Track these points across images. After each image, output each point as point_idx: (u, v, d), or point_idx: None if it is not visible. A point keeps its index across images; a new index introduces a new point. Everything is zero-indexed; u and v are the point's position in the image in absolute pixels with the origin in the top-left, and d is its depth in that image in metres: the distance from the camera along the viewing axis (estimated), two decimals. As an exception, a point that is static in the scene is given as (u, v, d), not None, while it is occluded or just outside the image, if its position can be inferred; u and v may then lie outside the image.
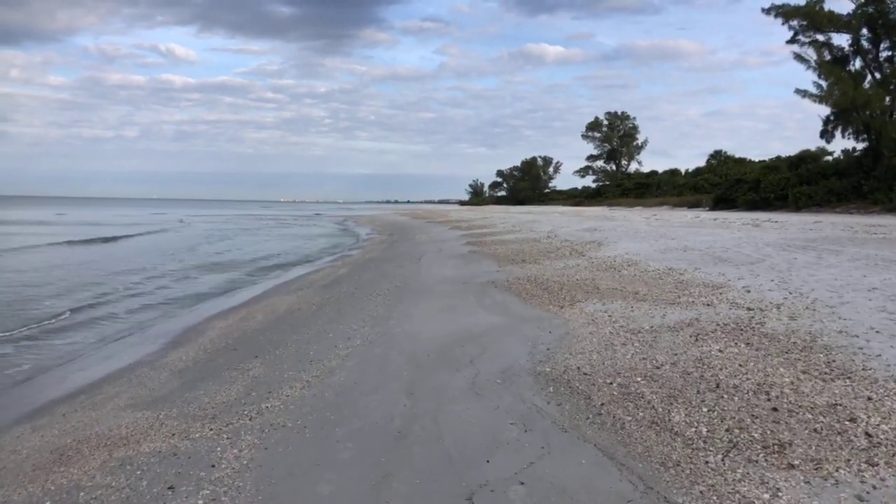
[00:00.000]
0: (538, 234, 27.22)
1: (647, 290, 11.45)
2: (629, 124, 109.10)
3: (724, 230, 24.44)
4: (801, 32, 46.53)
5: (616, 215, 44.94)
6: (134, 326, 13.12)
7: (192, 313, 14.38)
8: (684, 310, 9.57)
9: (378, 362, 7.87)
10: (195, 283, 19.92)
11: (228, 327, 11.99)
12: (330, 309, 12.69)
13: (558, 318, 9.60)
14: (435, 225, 47.05)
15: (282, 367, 8.21)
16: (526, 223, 37.38)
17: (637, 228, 27.03)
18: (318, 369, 7.86)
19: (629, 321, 8.95)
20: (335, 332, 10.18)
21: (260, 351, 9.50)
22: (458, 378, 6.68)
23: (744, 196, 48.32)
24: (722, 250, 16.58)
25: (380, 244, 33.22)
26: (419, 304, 11.91)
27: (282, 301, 14.73)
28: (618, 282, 12.69)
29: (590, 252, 18.51)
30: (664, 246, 18.65)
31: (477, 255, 20.26)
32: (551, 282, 13.00)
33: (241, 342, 10.43)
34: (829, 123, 48.32)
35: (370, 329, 10.05)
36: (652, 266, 14.58)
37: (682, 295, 10.84)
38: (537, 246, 21.83)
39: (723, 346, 7.11)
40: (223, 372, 8.38)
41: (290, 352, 9.18)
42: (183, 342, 11.08)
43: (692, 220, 34.70)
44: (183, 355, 9.83)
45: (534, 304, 10.90)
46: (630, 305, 10.22)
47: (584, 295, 11.36)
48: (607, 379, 5.98)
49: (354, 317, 11.38)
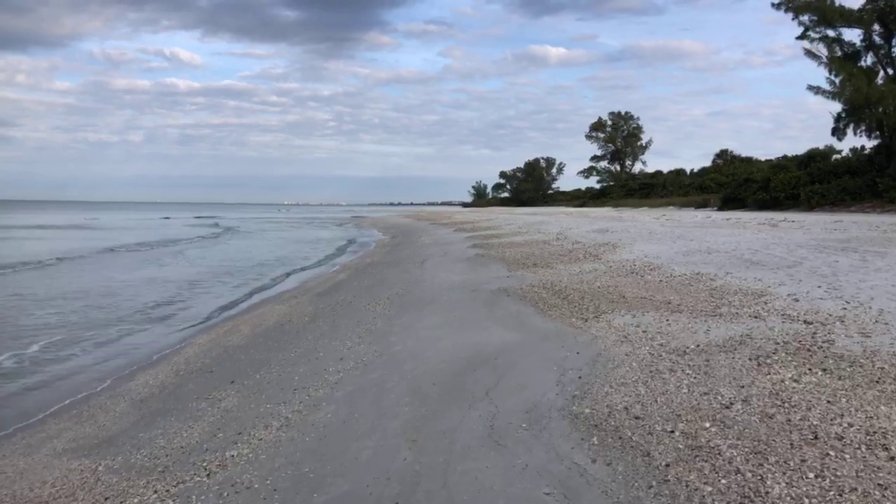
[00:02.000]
0: (547, 236, 25.87)
1: (679, 300, 10.11)
2: (633, 124, 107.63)
3: (742, 230, 23.09)
4: (812, 28, 45.28)
5: (624, 216, 43.58)
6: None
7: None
8: (730, 323, 8.24)
9: (373, 392, 6.54)
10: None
11: (210, 343, 10.68)
12: (323, 321, 11.37)
13: (584, 333, 8.27)
14: (439, 227, 45.69)
15: (259, 398, 6.90)
16: (533, 224, 36.03)
17: (650, 229, 25.67)
18: (302, 401, 6.54)
19: (669, 338, 7.62)
20: (326, 351, 8.86)
21: (238, 374, 8.20)
22: (471, 418, 5.34)
23: (753, 195, 47.04)
24: (750, 252, 15.24)
25: (382, 247, 31.89)
26: (423, 317, 10.58)
27: (272, 311, 13.43)
28: (644, 289, 11.36)
29: (605, 255, 17.17)
30: (684, 248, 17.30)
31: (484, 258, 18.92)
32: (570, 289, 11.66)
33: (220, 362, 9.13)
34: (840, 120, 47.01)
35: (366, 347, 8.73)
36: (677, 270, 13.25)
37: (720, 304, 9.51)
38: (548, 248, 20.49)
39: (796, 374, 5.78)
40: (191, 402, 7.08)
41: (273, 376, 7.87)
42: (158, 361, 9.78)
43: (704, 220, 33.36)
44: (151, 379, 8.53)
45: (553, 315, 9.57)
46: (664, 318, 8.89)
47: (610, 305, 10.02)
48: (666, 425, 4.63)
49: (350, 331, 10.07)
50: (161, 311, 14.62)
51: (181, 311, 14.78)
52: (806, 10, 44.54)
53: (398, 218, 79.25)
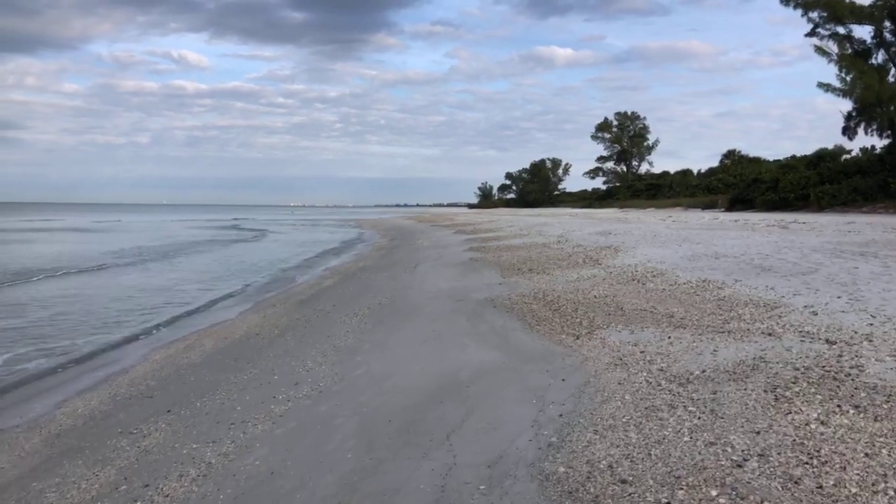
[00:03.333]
0: (548, 239, 24.82)
1: (683, 312, 9.07)
2: (639, 124, 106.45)
3: (751, 232, 22.00)
4: (822, 24, 44.23)
5: (630, 217, 42.48)
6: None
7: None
8: (739, 342, 7.19)
9: (318, 431, 5.52)
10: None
11: (165, 360, 9.69)
12: (292, 336, 10.37)
13: (574, 354, 7.24)
14: (439, 229, 44.66)
15: (189, 433, 5.90)
16: (534, 226, 34.96)
17: (655, 231, 24.59)
18: (234, 440, 5.53)
19: (670, 361, 6.58)
20: (283, 373, 7.85)
21: (179, 400, 7.20)
22: (422, 473, 4.32)
23: (762, 196, 45.96)
24: (761, 257, 14.16)
25: (378, 250, 30.90)
26: (399, 331, 9.57)
27: (242, 323, 12.43)
28: (645, 299, 10.31)
29: (606, 259, 16.12)
30: (690, 251, 16.23)
31: (478, 263, 17.90)
32: (563, 299, 10.62)
33: (166, 385, 8.13)
34: (851, 119, 45.98)
35: (328, 369, 7.71)
36: (682, 277, 12.19)
37: (729, 318, 8.46)
38: (546, 252, 19.44)
39: (823, 414, 4.74)
40: (110, 438, 6.08)
41: (215, 404, 6.86)
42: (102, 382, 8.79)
43: (711, 221, 32.27)
44: (82, 405, 7.54)
45: (541, 331, 8.53)
46: (666, 334, 7.85)
47: (606, 318, 8.99)
48: (661, 493, 3.58)
49: (316, 348, 9.06)
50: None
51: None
52: (815, 7, 43.47)
53: (401, 220, 78.26)
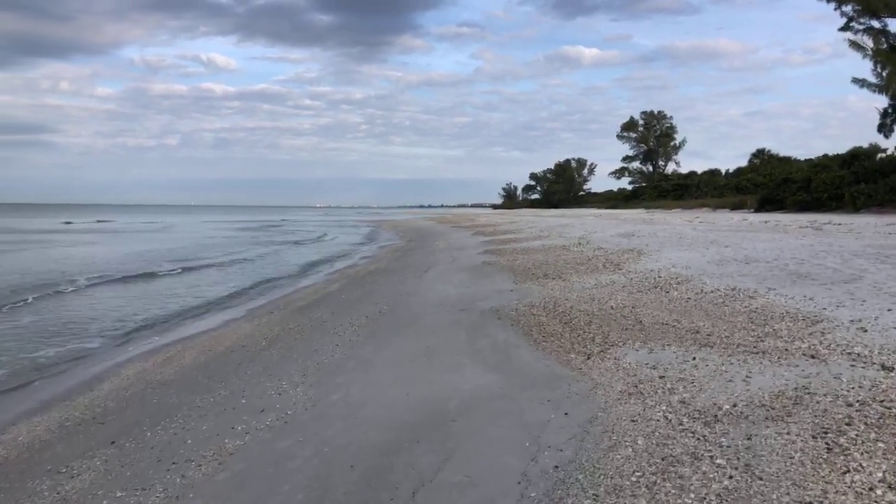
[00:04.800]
0: (568, 241, 23.74)
1: (710, 327, 8.01)
2: (666, 124, 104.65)
3: (783, 234, 20.72)
4: (855, 18, 42.67)
5: (655, 218, 41.15)
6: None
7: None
8: (777, 366, 6.14)
9: (265, 478, 4.59)
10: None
11: (135, 376, 8.83)
12: (277, 349, 9.46)
13: (582, 378, 6.24)
14: (458, 230, 43.68)
15: (122, 476, 5.01)
16: (556, 227, 33.85)
17: (681, 233, 23.38)
18: (168, 487, 4.62)
19: (695, 390, 5.55)
20: (253, 395, 6.93)
21: (129, 429, 6.31)
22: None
23: (793, 196, 44.33)
24: (796, 262, 13.00)
25: (392, 252, 30.00)
26: (391, 345, 8.62)
27: (233, 332, 11.56)
28: (667, 310, 9.27)
29: (628, 264, 15.05)
30: (718, 255, 15.09)
31: (491, 267, 16.89)
32: (576, 310, 9.60)
33: (125, 407, 7.25)
34: (887, 116, 44.28)
35: (302, 392, 6.78)
36: (709, 284, 11.11)
37: (763, 335, 7.40)
38: (565, 255, 18.39)
39: (891, 473, 3.70)
40: (33, 480, 5.20)
41: (166, 435, 5.96)
42: (59, 401, 7.94)
43: (740, 222, 30.92)
44: (25, 431, 6.68)
45: (548, 348, 7.53)
46: (690, 354, 6.81)
47: (622, 333, 7.96)
48: None
49: (298, 364, 8.14)
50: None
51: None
52: (849, 0, 41.88)
53: (421, 220, 77.35)
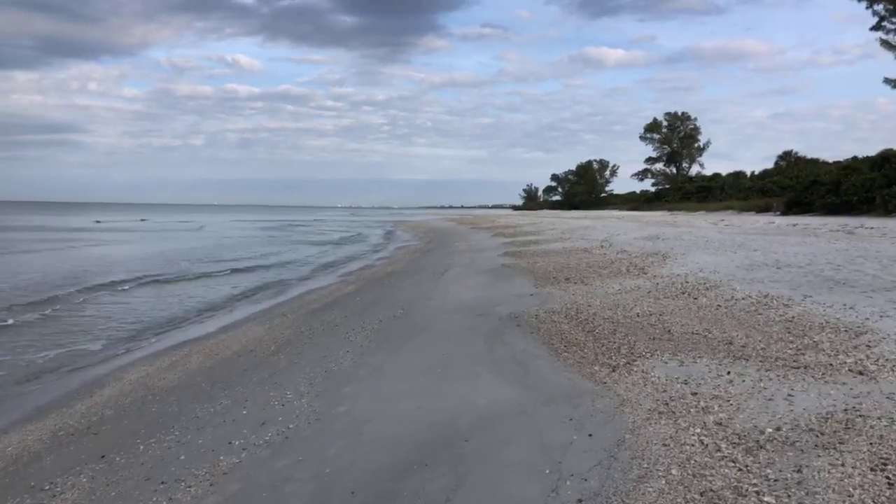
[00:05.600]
0: (590, 243, 23.19)
1: (744, 337, 7.49)
2: (690, 125, 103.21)
3: (814, 238, 20.02)
4: (888, 18, 41.67)
5: (679, 221, 40.38)
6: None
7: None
8: (821, 383, 5.62)
9: (260, 503, 4.16)
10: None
11: (137, 381, 8.48)
12: (286, 354, 9.07)
13: (607, 393, 5.76)
14: (478, 231, 43.17)
15: (105, 496, 4.66)
16: (577, 229, 33.26)
17: (707, 236, 22.73)
18: (151, 513, 4.21)
19: (732, 410, 5.06)
20: (255, 405, 6.53)
21: (122, 441, 5.93)
22: None
23: (822, 199, 43.29)
24: (831, 268, 12.41)
25: (411, 253, 29.59)
26: (403, 353, 8.18)
27: (242, 335, 11.19)
28: (697, 318, 8.75)
29: (653, 268, 14.50)
30: (747, 260, 14.50)
31: (511, 270, 16.41)
32: (600, 317, 9.11)
33: (121, 417, 6.89)
34: (920, 117, 43.23)
35: (307, 403, 6.36)
36: (739, 291, 10.57)
37: (803, 347, 6.87)
38: (587, 258, 17.86)
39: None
40: (14, 498, 4.82)
41: (160, 449, 5.57)
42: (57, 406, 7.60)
43: (767, 225, 30.16)
44: (16, 441, 6.35)
45: (570, 360, 7.05)
46: (724, 367, 6.31)
47: (650, 344, 7.46)
48: None
49: (306, 372, 7.73)
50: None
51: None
52: (881, -1, 40.93)
53: (442, 221, 76.90)
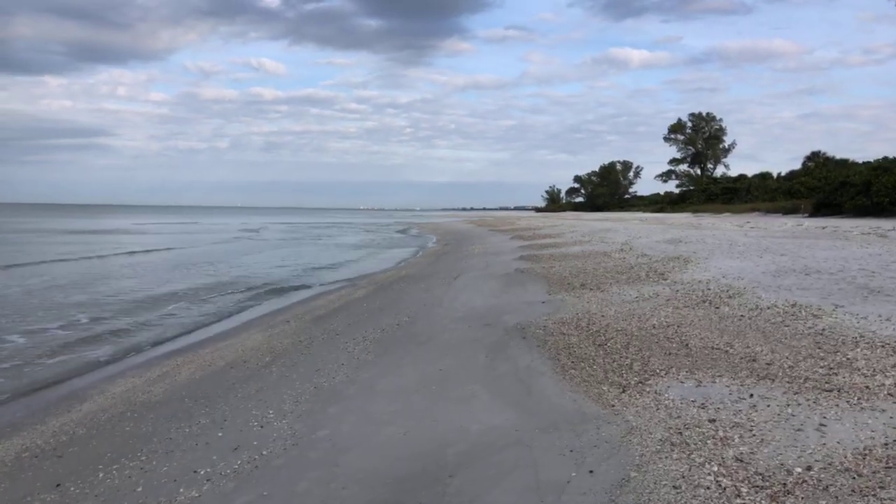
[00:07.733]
0: (610, 247, 22.50)
1: (769, 353, 6.84)
2: (715, 126, 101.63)
3: (845, 242, 19.17)
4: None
5: (703, 223, 39.47)
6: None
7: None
8: (857, 410, 4.99)
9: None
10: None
11: (121, 395, 8.01)
12: (279, 366, 8.56)
13: (615, 419, 5.16)
14: (497, 233, 42.54)
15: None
16: (598, 232, 32.52)
17: (732, 239, 21.93)
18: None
19: (755, 443, 4.45)
20: (232, 426, 6.02)
21: (82, 468, 5.44)
22: None
23: (851, 201, 42.28)
24: (865, 274, 11.67)
25: (425, 256, 29.09)
26: (400, 367, 7.63)
27: (240, 344, 10.72)
28: (717, 330, 8.10)
29: (673, 273, 13.83)
30: (774, 265, 13.77)
31: (524, 275, 15.80)
32: (613, 329, 8.49)
33: (92, 436, 6.41)
34: (953, 117, 41.89)
35: (287, 425, 5.83)
36: (765, 299, 9.90)
37: (836, 366, 6.22)
38: (605, 263, 17.21)
39: None
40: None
41: (120, 478, 5.08)
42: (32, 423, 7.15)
43: (795, 228, 29.24)
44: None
45: (577, 378, 6.46)
46: (747, 389, 5.69)
47: (665, 360, 6.84)
48: None
49: (295, 387, 7.21)
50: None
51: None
52: (913, -5, 39.77)
53: (461, 224, 76.30)
